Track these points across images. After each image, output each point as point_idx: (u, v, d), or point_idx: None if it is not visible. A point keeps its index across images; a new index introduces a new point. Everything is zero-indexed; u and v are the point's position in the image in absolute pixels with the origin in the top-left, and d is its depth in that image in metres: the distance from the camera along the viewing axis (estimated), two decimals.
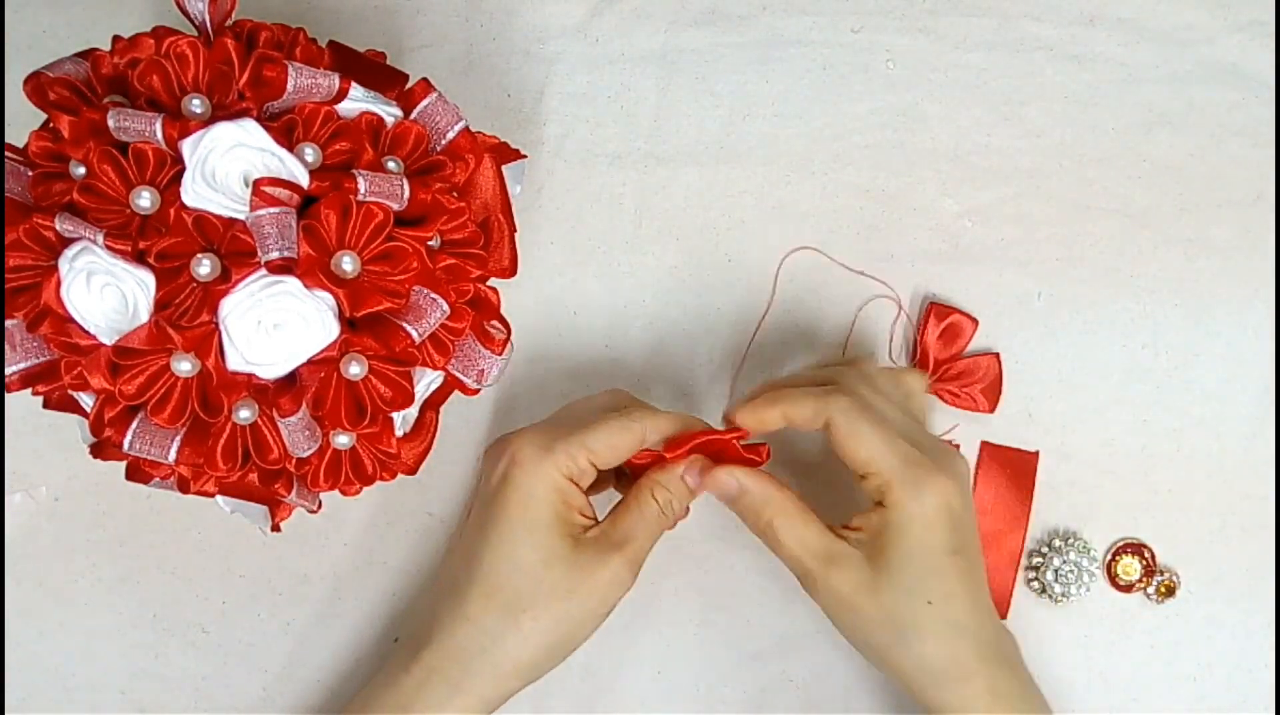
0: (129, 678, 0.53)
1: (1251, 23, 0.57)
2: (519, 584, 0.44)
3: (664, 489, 0.46)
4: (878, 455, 0.44)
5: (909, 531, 0.44)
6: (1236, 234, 0.56)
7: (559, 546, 0.44)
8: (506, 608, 0.44)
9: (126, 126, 0.40)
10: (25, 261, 0.41)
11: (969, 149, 0.56)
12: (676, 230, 0.56)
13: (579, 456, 0.44)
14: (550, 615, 0.44)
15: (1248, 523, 0.54)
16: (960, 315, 0.55)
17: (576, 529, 0.45)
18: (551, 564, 0.44)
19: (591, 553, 0.44)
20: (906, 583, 0.43)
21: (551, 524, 0.44)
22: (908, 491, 0.43)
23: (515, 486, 0.44)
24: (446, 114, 0.45)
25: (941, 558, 0.44)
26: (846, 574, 0.44)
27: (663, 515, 0.46)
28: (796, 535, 0.45)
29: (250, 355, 0.40)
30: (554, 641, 0.45)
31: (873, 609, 0.44)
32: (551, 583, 0.44)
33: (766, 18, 0.57)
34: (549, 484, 0.44)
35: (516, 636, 0.44)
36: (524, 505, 0.44)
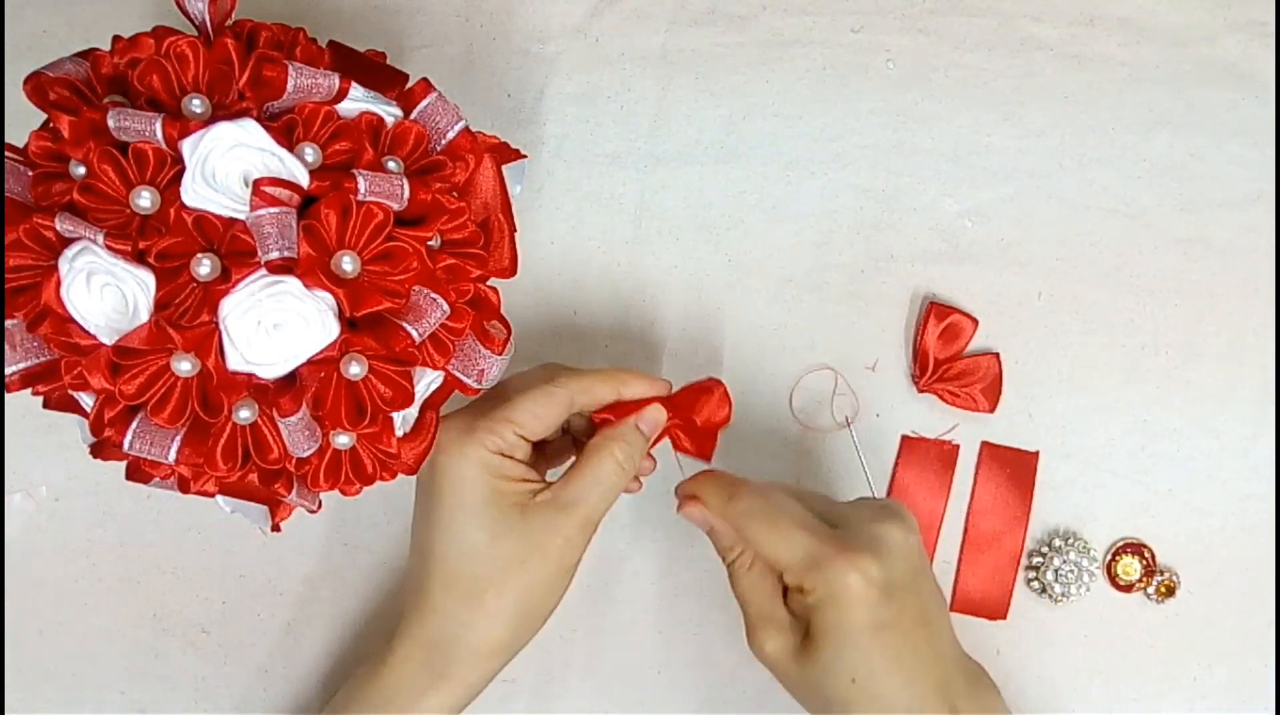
0: (129, 678, 0.53)
1: (1251, 23, 0.57)
2: (473, 567, 0.44)
3: (619, 441, 0.45)
4: (785, 549, 0.44)
5: (824, 613, 0.43)
6: (1236, 234, 0.56)
7: (504, 519, 0.44)
8: (467, 593, 0.44)
9: (126, 126, 0.39)
10: (25, 261, 0.41)
11: (969, 149, 0.56)
12: (676, 230, 0.56)
13: (503, 431, 0.44)
14: (511, 588, 0.44)
15: (1248, 523, 0.54)
16: (960, 315, 0.55)
17: (523, 497, 0.45)
18: (499, 538, 0.44)
19: (541, 518, 0.44)
20: (826, 660, 0.43)
21: (490, 500, 0.44)
22: (818, 578, 0.43)
23: (444, 473, 0.44)
24: (446, 114, 0.45)
25: (861, 636, 0.43)
26: (778, 639, 0.44)
27: (621, 468, 0.45)
28: (748, 582, 0.45)
29: (250, 355, 0.40)
30: (522, 613, 0.45)
31: (799, 677, 0.44)
32: (504, 557, 0.44)
33: (766, 18, 0.57)
34: (476, 464, 0.44)
35: (484, 617, 0.44)
36: (457, 490, 0.44)
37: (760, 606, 0.45)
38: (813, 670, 0.43)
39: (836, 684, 0.43)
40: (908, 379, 0.55)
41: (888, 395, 0.55)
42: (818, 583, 0.43)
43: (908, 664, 0.44)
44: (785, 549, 0.44)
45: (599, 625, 0.54)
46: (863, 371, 0.55)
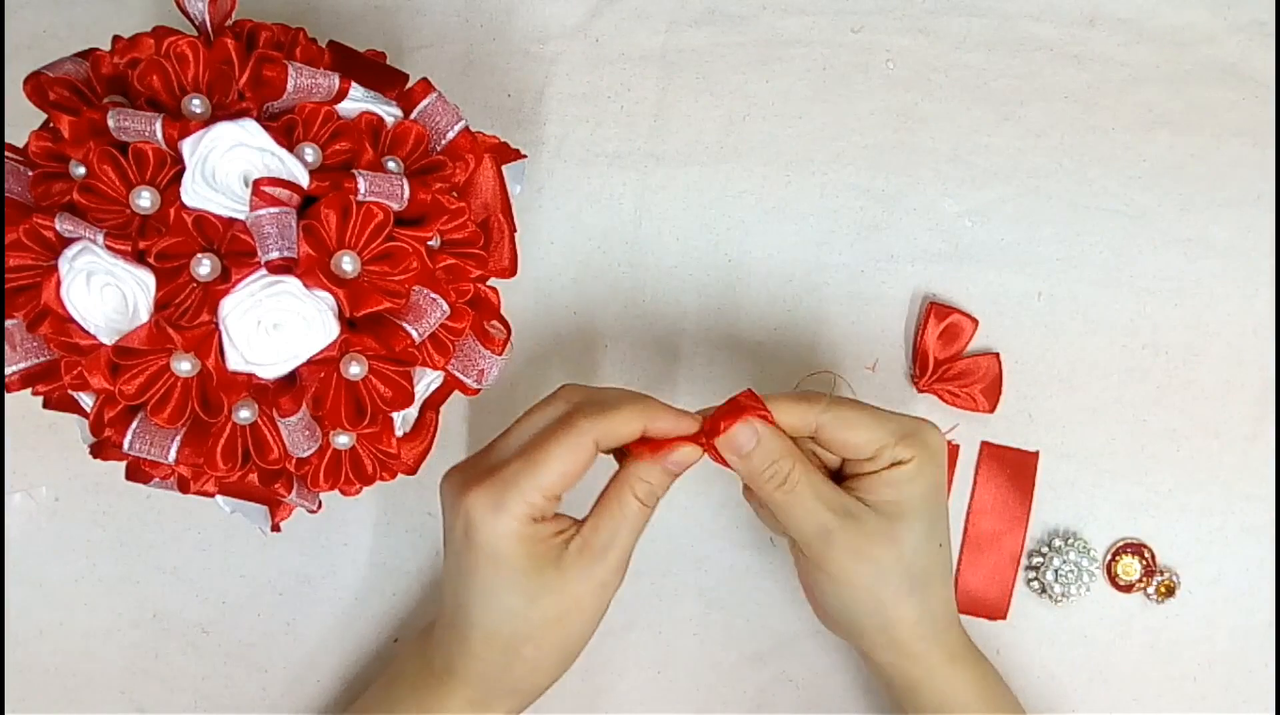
0: (129, 678, 0.53)
1: (1251, 23, 0.57)
2: (512, 626, 0.44)
3: (644, 482, 0.44)
4: (876, 431, 0.45)
5: (923, 478, 0.44)
6: (1236, 234, 0.56)
7: (539, 580, 0.43)
8: (506, 647, 0.44)
9: (126, 126, 0.39)
10: (25, 261, 0.41)
11: (969, 149, 0.56)
12: (676, 230, 0.56)
13: (534, 500, 0.42)
14: (549, 642, 0.44)
15: (1248, 523, 0.54)
16: (960, 315, 0.55)
17: (557, 550, 0.43)
18: (537, 600, 0.43)
19: (576, 570, 0.43)
20: (925, 527, 0.45)
21: (526, 569, 0.43)
22: (917, 443, 0.44)
23: (478, 547, 0.43)
24: (446, 114, 0.45)
25: (942, 498, 0.46)
26: (866, 525, 0.44)
27: (644, 507, 0.44)
28: (812, 486, 0.45)
29: (250, 355, 0.40)
30: (560, 658, 0.45)
31: (893, 559, 0.44)
32: (541, 616, 0.43)
33: (766, 18, 0.57)
34: (511, 537, 0.42)
35: (523, 665, 0.44)
36: (493, 561, 0.43)
37: (838, 503, 0.44)
38: (909, 543, 0.44)
39: (930, 550, 0.45)
40: (907, 379, 0.55)
41: (887, 395, 0.55)
42: (918, 449, 0.44)
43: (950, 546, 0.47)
44: (882, 430, 0.44)
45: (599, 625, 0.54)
46: (863, 371, 0.55)
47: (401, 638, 0.54)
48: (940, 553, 0.46)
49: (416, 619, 0.54)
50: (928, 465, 0.45)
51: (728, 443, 0.44)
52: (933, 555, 0.45)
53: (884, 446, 0.45)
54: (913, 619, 0.45)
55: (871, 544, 0.44)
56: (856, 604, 0.46)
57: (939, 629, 0.46)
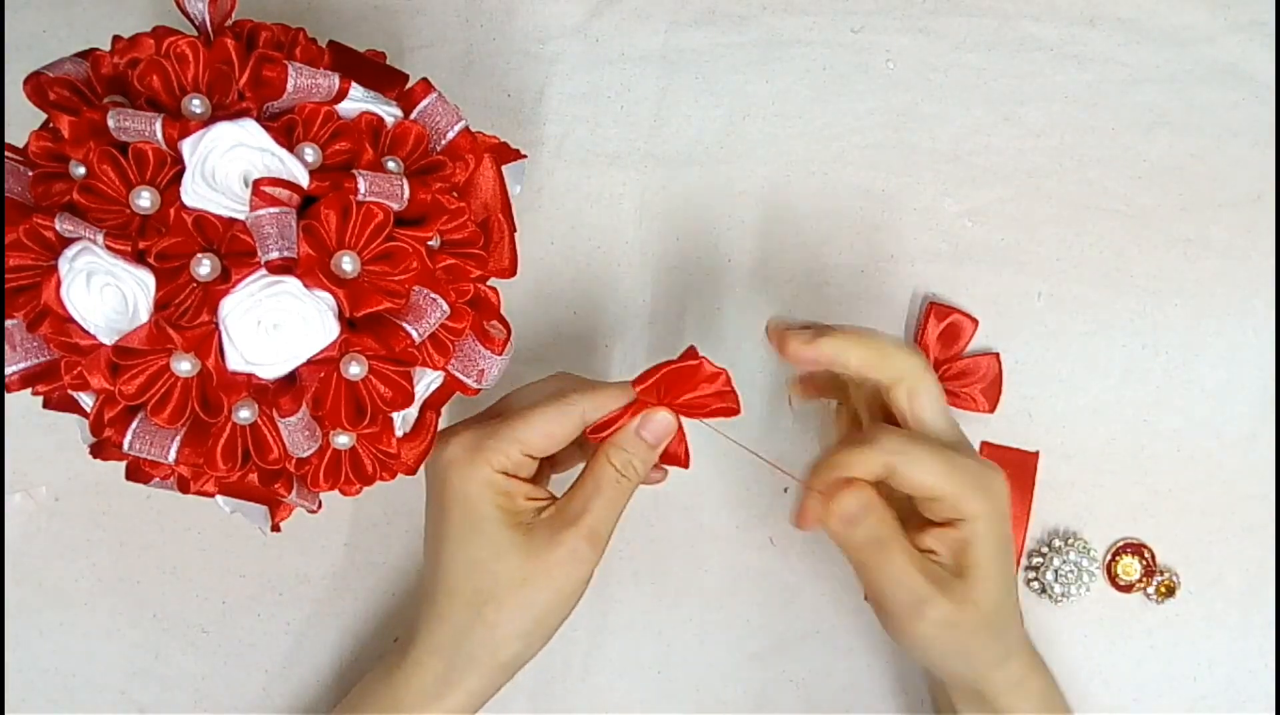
0: (129, 678, 0.53)
1: (1251, 23, 0.57)
2: (476, 581, 0.44)
3: (619, 450, 0.45)
4: (943, 477, 0.44)
5: (992, 534, 0.44)
6: (1236, 234, 0.56)
7: (508, 538, 0.44)
8: (468, 604, 0.44)
9: (126, 126, 0.39)
10: (25, 261, 0.41)
11: (969, 149, 0.56)
12: (676, 230, 0.56)
13: (510, 450, 0.44)
14: (512, 604, 0.44)
15: (1248, 523, 0.54)
16: (960, 315, 0.54)
17: (527, 514, 0.44)
18: (502, 556, 0.44)
19: (545, 535, 0.44)
20: (998, 582, 0.44)
21: (494, 519, 0.44)
22: (981, 496, 0.44)
23: (451, 489, 0.44)
24: (446, 114, 0.45)
25: (1009, 546, 0.45)
26: (954, 593, 0.44)
27: (622, 478, 0.45)
28: (907, 554, 0.44)
29: (250, 355, 0.40)
30: (524, 629, 0.44)
31: (976, 620, 0.44)
32: (506, 574, 0.44)
33: (766, 18, 0.57)
34: (482, 482, 0.44)
35: (484, 629, 0.44)
36: (462, 507, 0.44)
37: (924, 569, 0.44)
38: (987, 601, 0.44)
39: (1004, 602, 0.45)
40: None
41: None
42: (983, 503, 0.44)
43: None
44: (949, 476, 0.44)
45: (599, 625, 0.54)
46: None
47: (402, 637, 0.54)
48: (1011, 597, 0.45)
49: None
50: (996, 523, 0.44)
51: (838, 511, 0.44)
52: (1007, 602, 0.45)
53: (950, 495, 0.44)
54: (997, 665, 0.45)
55: (959, 611, 0.44)
56: (946, 666, 0.46)
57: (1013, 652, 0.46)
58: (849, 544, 0.45)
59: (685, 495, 0.54)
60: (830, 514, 0.44)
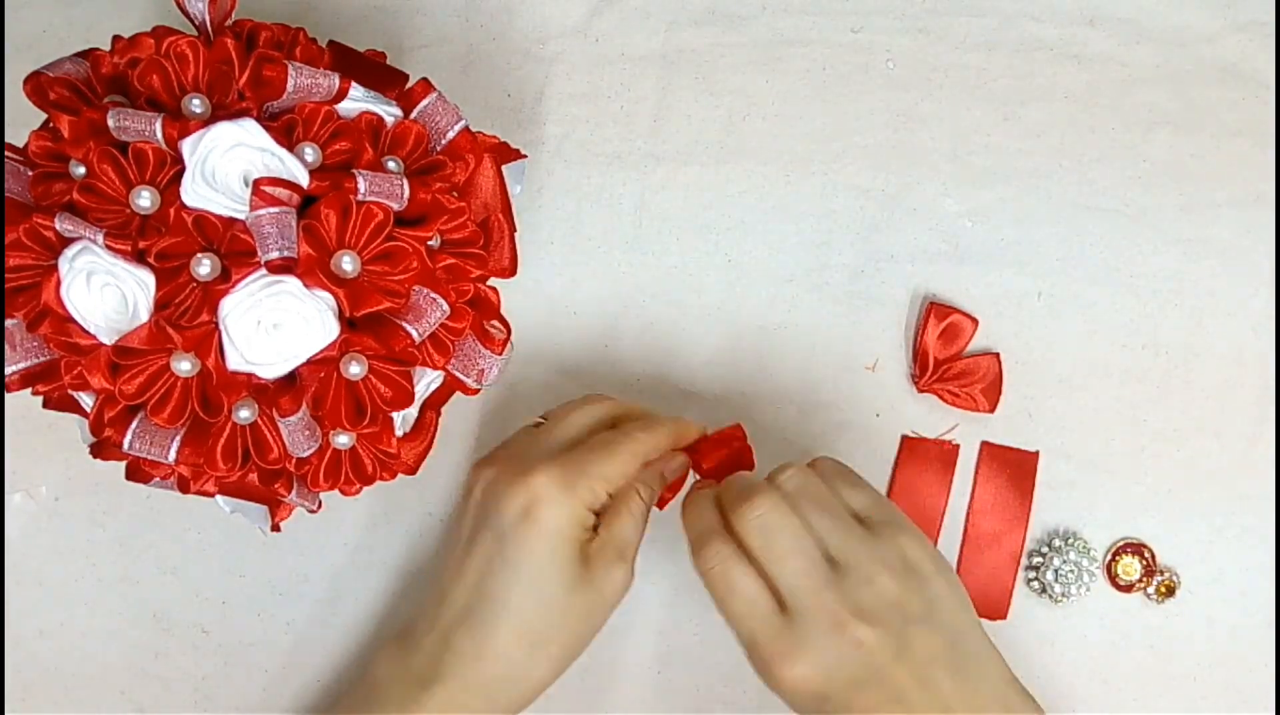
0: (129, 678, 0.53)
1: (1251, 23, 0.57)
2: (548, 618, 0.44)
3: (648, 487, 0.47)
4: (734, 623, 0.43)
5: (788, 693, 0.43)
6: (1236, 234, 0.56)
7: (579, 572, 0.44)
8: (535, 643, 0.44)
9: (126, 126, 0.40)
10: (25, 261, 0.41)
11: (969, 149, 0.56)
12: (676, 230, 0.56)
13: (599, 490, 0.45)
14: (575, 637, 0.45)
15: (1248, 523, 0.54)
16: (960, 315, 0.54)
17: (587, 546, 0.45)
18: (573, 591, 0.44)
19: (600, 567, 0.45)
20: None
21: (575, 557, 0.44)
22: (771, 681, 0.43)
23: (541, 525, 0.43)
24: (446, 114, 0.45)
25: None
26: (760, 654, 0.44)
27: (646, 506, 0.47)
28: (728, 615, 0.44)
29: (250, 355, 0.40)
30: (573, 655, 0.46)
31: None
32: (575, 611, 0.44)
33: (766, 18, 0.57)
34: (575, 520, 0.44)
35: (542, 665, 0.45)
36: (550, 542, 0.43)
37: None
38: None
39: None
40: (908, 379, 0.55)
41: (888, 395, 0.55)
42: (771, 682, 0.44)
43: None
44: (744, 620, 0.43)
45: None
46: (863, 371, 0.55)
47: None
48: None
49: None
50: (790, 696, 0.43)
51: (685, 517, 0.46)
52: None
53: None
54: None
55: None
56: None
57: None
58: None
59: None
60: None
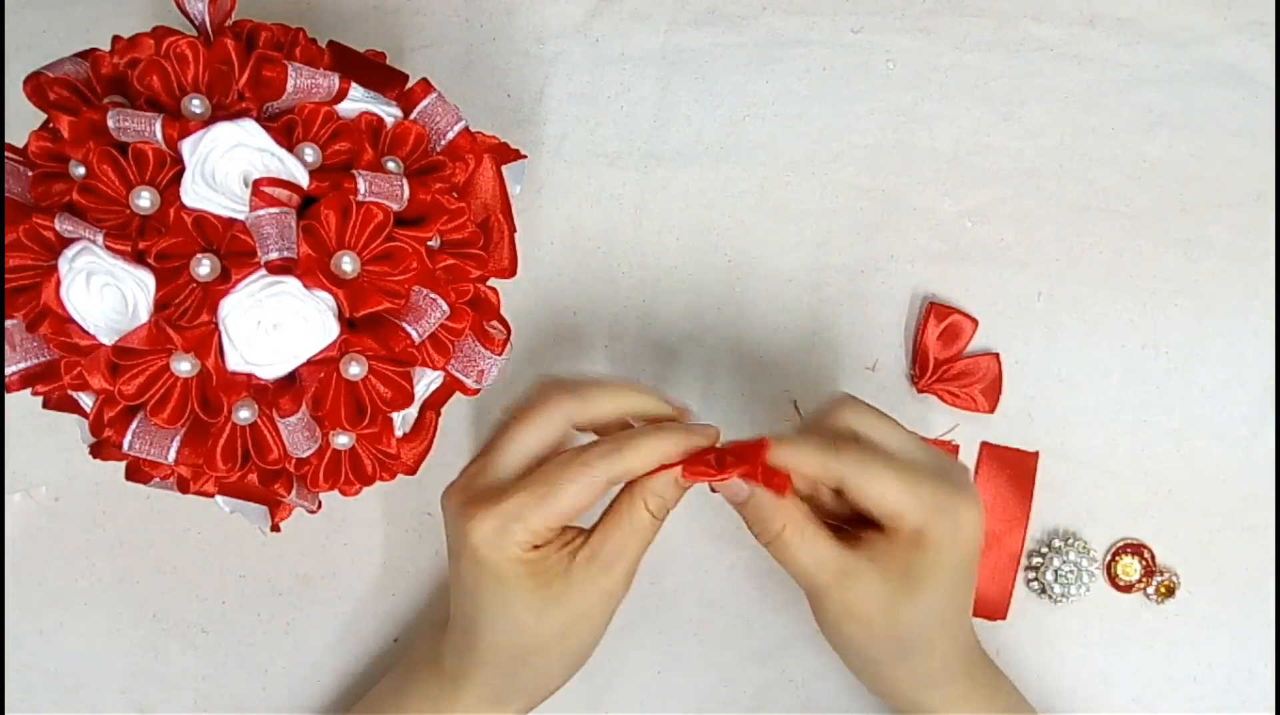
0: (129, 678, 0.53)
1: (1251, 23, 0.57)
2: (521, 640, 0.44)
3: (657, 496, 0.43)
4: (906, 495, 0.42)
5: (944, 555, 0.42)
6: (1236, 234, 0.56)
7: (546, 595, 0.43)
8: (514, 657, 0.44)
9: (126, 126, 0.40)
10: (25, 261, 0.41)
11: (969, 149, 0.56)
12: (676, 230, 0.56)
13: (539, 529, 0.42)
14: (558, 652, 0.45)
15: (1248, 523, 0.54)
16: (960, 315, 0.54)
17: (564, 562, 0.43)
18: (544, 616, 0.43)
19: (583, 581, 0.43)
20: (931, 606, 0.43)
21: (532, 588, 0.43)
22: (946, 521, 0.42)
23: (484, 569, 0.43)
24: (446, 114, 0.45)
25: (964, 573, 0.44)
26: (863, 589, 0.42)
27: (654, 521, 0.44)
28: (809, 548, 0.43)
29: (250, 355, 0.40)
30: (569, 662, 0.46)
31: (885, 625, 0.43)
32: (550, 630, 0.43)
33: (766, 18, 0.57)
34: (514, 561, 0.42)
35: (531, 672, 0.45)
36: (498, 583, 0.43)
37: (835, 564, 0.43)
38: (907, 614, 0.42)
39: (927, 626, 0.43)
40: (907, 379, 0.55)
41: (887, 395, 0.55)
42: (945, 527, 0.42)
43: (971, 601, 0.46)
44: (910, 496, 0.42)
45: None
46: (862, 371, 0.55)
47: (402, 637, 0.54)
48: (942, 628, 0.44)
49: (418, 619, 0.54)
50: (952, 551, 0.42)
51: (726, 490, 0.44)
52: (931, 629, 0.43)
53: (910, 513, 0.42)
54: (902, 680, 0.45)
55: (867, 607, 0.43)
56: (849, 658, 0.46)
57: (939, 684, 0.45)
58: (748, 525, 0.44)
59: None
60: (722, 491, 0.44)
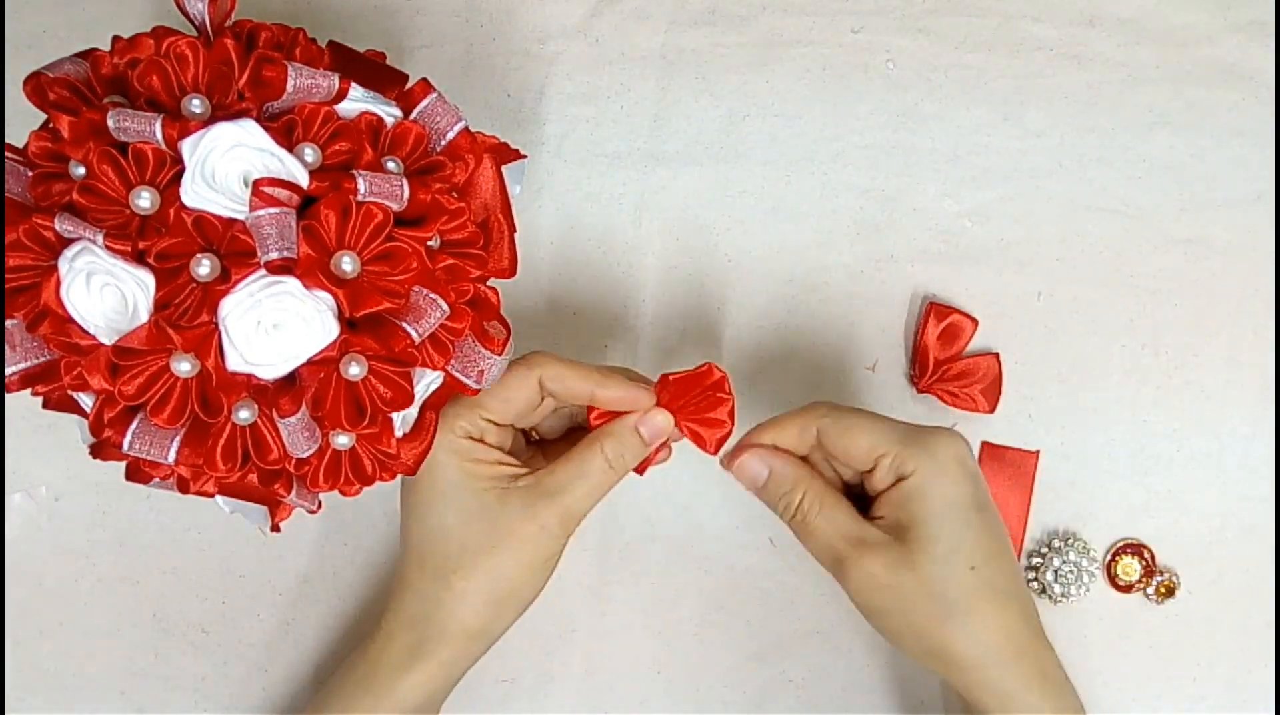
0: (129, 678, 0.53)
1: (1251, 23, 0.57)
2: (442, 547, 0.44)
3: (614, 440, 0.45)
4: (878, 436, 0.44)
5: (933, 491, 0.43)
6: (1236, 234, 0.56)
7: (476, 502, 0.44)
8: (436, 571, 0.44)
9: (126, 127, 0.39)
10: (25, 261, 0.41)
11: (969, 149, 0.56)
12: (676, 230, 0.56)
13: (470, 416, 0.45)
14: (479, 571, 0.44)
15: (1247, 523, 0.54)
16: (960, 315, 0.54)
17: (501, 480, 0.45)
18: (469, 521, 0.44)
19: (518, 503, 0.44)
20: (944, 548, 0.42)
21: (460, 483, 0.44)
22: (921, 453, 0.43)
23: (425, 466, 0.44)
24: (446, 114, 0.45)
25: (970, 513, 0.43)
26: (881, 553, 0.43)
27: (610, 467, 0.45)
28: (828, 517, 0.44)
29: (250, 355, 0.40)
30: (492, 598, 0.45)
31: (913, 585, 0.42)
32: (473, 540, 0.44)
33: (766, 18, 0.57)
34: (446, 448, 0.44)
35: (451, 597, 0.44)
36: (429, 472, 0.44)
37: (852, 532, 0.44)
38: (927, 567, 0.42)
39: (956, 574, 0.42)
40: (907, 379, 0.55)
41: (887, 395, 0.55)
42: (922, 459, 0.43)
43: (1009, 551, 0.45)
44: (885, 428, 0.44)
45: (599, 625, 0.54)
46: (862, 371, 0.55)
47: None
48: (976, 575, 0.42)
49: None
50: (937, 478, 0.43)
51: (741, 473, 0.45)
52: (962, 578, 0.42)
53: (884, 455, 0.44)
54: (961, 647, 0.43)
55: (889, 569, 0.43)
56: (890, 632, 0.45)
57: (1004, 656, 0.43)
58: (769, 506, 0.46)
59: (685, 495, 0.54)
60: (737, 475, 0.46)
